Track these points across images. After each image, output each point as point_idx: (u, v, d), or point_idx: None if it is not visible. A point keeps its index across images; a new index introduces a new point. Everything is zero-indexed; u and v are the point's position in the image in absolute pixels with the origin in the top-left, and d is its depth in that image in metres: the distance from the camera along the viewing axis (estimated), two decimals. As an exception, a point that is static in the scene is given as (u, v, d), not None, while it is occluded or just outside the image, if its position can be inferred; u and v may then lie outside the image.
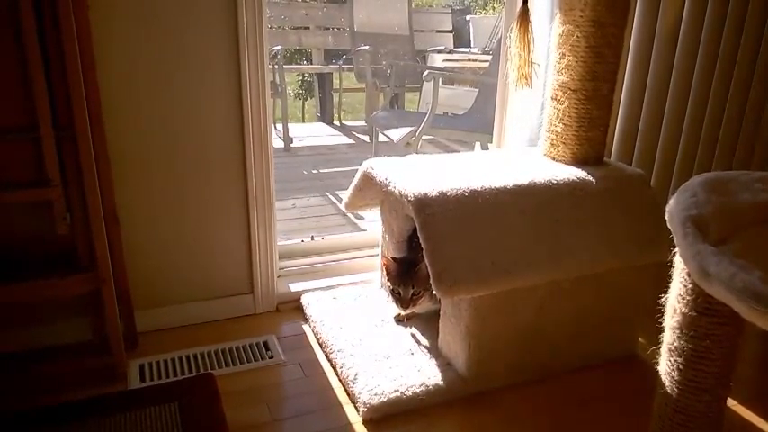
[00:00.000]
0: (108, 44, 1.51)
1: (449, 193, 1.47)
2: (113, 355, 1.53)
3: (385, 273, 1.76)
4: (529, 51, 1.73)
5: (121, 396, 1.48)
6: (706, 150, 2.00)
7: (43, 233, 1.43)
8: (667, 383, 1.16)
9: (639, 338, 1.76)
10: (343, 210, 1.94)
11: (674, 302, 1.11)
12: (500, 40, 3.94)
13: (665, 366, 1.16)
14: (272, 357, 1.69)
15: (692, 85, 1.94)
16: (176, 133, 1.66)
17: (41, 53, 1.27)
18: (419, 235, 1.43)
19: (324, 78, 5.26)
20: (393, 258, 1.75)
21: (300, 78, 5.99)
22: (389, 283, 1.74)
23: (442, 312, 1.63)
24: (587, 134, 1.70)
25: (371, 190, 1.80)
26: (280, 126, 4.34)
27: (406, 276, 1.69)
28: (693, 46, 1.91)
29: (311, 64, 5.49)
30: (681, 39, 1.91)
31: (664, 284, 1.20)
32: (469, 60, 4.62)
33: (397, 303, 1.73)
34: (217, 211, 1.77)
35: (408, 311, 1.73)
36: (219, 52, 1.64)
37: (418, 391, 1.50)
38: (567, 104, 1.69)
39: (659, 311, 1.19)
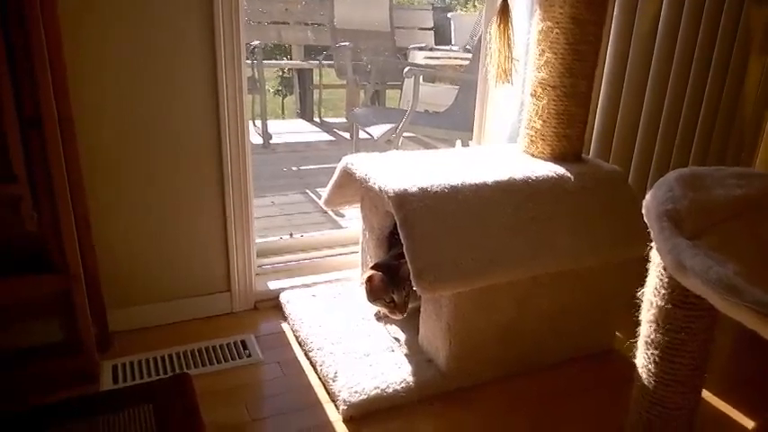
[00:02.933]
0: (78, 36, 1.47)
1: (429, 189, 1.46)
2: (85, 357, 1.49)
3: (369, 289, 1.67)
4: (509, 47, 1.72)
5: (94, 398, 1.45)
6: (682, 147, 2.02)
7: (11, 232, 1.39)
8: (644, 376, 1.17)
9: (617, 333, 1.77)
10: (323, 207, 1.92)
11: (651, 296, 1.12)
12: (481, 37, 3.95)
13: (642, 359, 1.17)
14: (250, 356, 1.67)
15: (668, 83, 1.96)
16: (150, 129, 1.63)
17: (5, 44, 1.22)
18: (399, 231, 1.42)
19: (304, 74, 5.22)
20: (375, 273, 1.68)
21: (280, 74, 5.95)
22: (379, 296, 1.66)
23: (422, 309, 1.62)
24: (566, 131, 1.70)
25: (351, 186, 1.78)
26: (259, 122, 4.30)
27: (394, 282, 1.65)
28: (670, 44, 1.93)
29: (290, 60, 5.45)
30: (658, 36, 1.93)
31: (640, 279, 1.21)
32: (450, 58, 4.62)
33: (392, 312, 1.67)
34: (193, 208, 1.74)
35: (405, 315, 1.68)
36: (194, 46, 1.61)
37: (399, 388, 1.49)
38: (546, 101, 1.69)
39: (636, 306, 1.20)
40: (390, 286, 1.65)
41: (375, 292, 1.67)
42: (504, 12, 1.71)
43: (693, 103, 1.97)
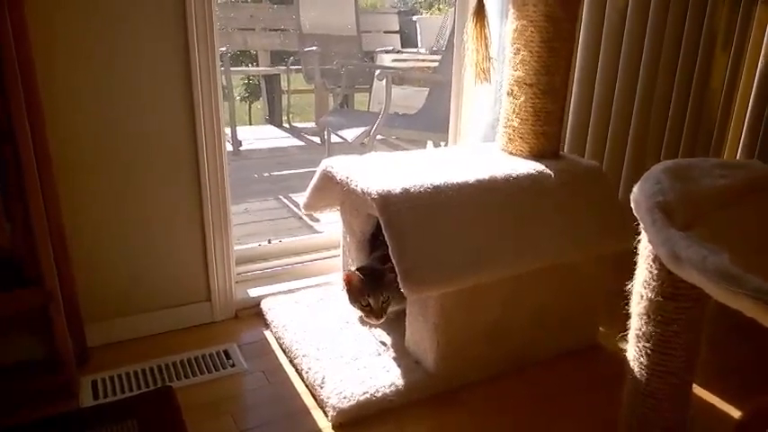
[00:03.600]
0: (49, 46, 1.43)
1: (412, 190, 1.45)
2: (63, 373, 1.44)
3: (348, 289, 1.68)
4: (486, 47, 1.73)
5: (74, 416, 1.40)
6: (653, 141, 2.06)
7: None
8: (636, 369, 1.17)
9: (600, 328, 1.79)
10: (303, 211, 1.90)
11: (641, 289, 1.13)
12: (448, 39, 3.97)
13: (633, 352, 1.18)
14: (233, 366, 1.63)
15: (638, 79, 1.99)
16: (126, 138, 1.59)
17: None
18: (384, 233, 1.40)
19: (272, 80, 5.18)
20: (354, 272, 1.68)
21: (246, 81, 5.89)
22: (356, 298, 1.66)
23: (408, 311, 1.61)
24: (543, 128, 1.71)
25: (331, 190, 1.77)
26: (228, 129, 4.24)
27: (373, 285, 1.64)
28: (639, 40, 1.96)
29: (257, 66, 5.41)
30: (626, 33, 1.96)
31: (625, 273, 1.22)
32: (418, 60, 4.64)
33: (368, 316, 1.67)
34: (170, 217, 1.70)
35: (382, 321, 1.68)
36: (169, 53, 1.58)
37: (388, 391, 1.48)
38: (523, 99, 1.69)
39: (619, 300, 1.21)
40: (368, 289, 1.64)
41: (352, 292, 1.66)
42: (480, 12, 1.72)
43: (663, 97, 2.01)
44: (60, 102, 1.48)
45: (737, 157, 1.86)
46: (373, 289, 1.64)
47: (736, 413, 1.47)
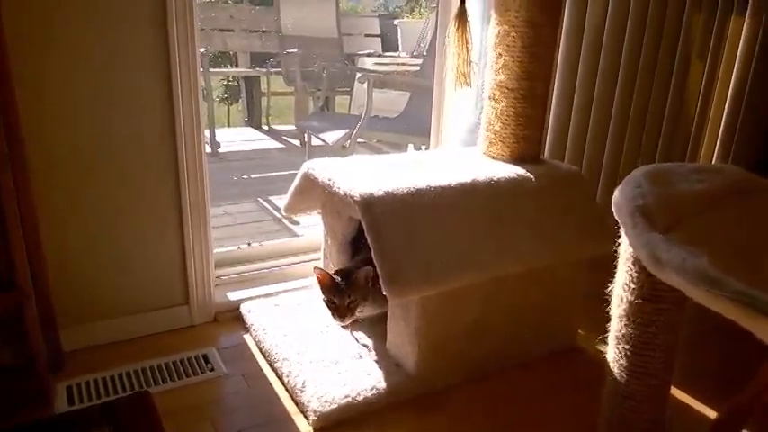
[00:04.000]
0: (25, 46, 1.40)
1: (395, 193, 1.45)
2: (37, 378, 1.41)
3: (319, 284, 1.68)
4: (467, 51, 1.74)
5: (49, 422, 1.36)
6: (631, 146, 2.09)
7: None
8: (616, 371, 1.19)
9: (580, 331, 1.81)
10: (283, 213, 1.88)
11: (620, 291, 1.14)
12: (430, 43, 3.99)
13: (613, 354, 1.19)
14: (212, 370, 1.61)
15: (616, 86, 2.02)
16: (104, 139, 1.56)
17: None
18: (367, 235, 1.40)
19: (251, 82, 5.15)
20: (325, 270, 1.68)
21: (224, 82, 5.85)
22: (324, 295, 1.66)
23: (389, 314, 1.60)
24: (524, 132, 1.72)
25: (313, 192, 1.76)
26: (206, 131, 4.20)
27: (342, 285, 1.63)
28: (617, 47, 1.99)
29: (236, 67, 5.37)
30: (605, 39, 1.99)
31: (602, 276, 1.23)
32: (399, 64, 4.65)
33: (333, 314, 1.65)
34: (148, 219, 1.68)
35: (347, 322, 1.67)
36: (149, 54, 1.56)
37: (369, 395, 1.47)
38: (504, 104, 1.71)
39: (599, 303, 1.22)
40: (335, 288, 1.63)
41: (322, 288, 1.66)
42: (462, 16, 1.73)
43: (641, 104, 2.04)
44: (37, 103, 1.46)
45: (713, 162, 1.89)
46: (341, 289, 1.63)
47: (712, 414, 1.50)
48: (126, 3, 1.50)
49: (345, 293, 1.62)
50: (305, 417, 1.44)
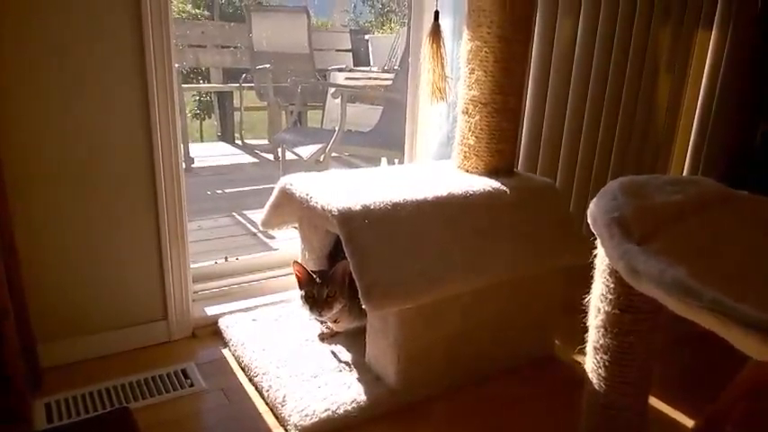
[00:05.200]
0: (2, 59, 1.40)
1: (372, 207, 1.47)
2: (14, 396, 1.38)
3: (296, 277, 1.69)
4: (442, 66, 1.77)
5: (25, 441, 1.35)
6: (602, 159, 2.15)
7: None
8: (594, 380, 1.21)
9: (556, 341, 1.84)
10: (261, 228, 1.89)
11: (597, 302, 1.17)
12: (401, 58, 4.03)
13: (592, 364, 1.21)
14: (192, 386, 1.60)
15: (587, 99, 2.08)
16: (81, 154, 1.55)
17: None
18: (345, 249, 1.41)
19: (224, 97, 5.14)
20: (303, 266, 1.70)
21: (197, 98, 5.82)
22: (301, 289, 1.67)
23: (368, 327, 1.62)
24: (498, 146, 1.76)
25: (290, 206, 1.77)
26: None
27: (320, 277, 1.65)
28: (587, 61, 2.05)
29: (209, 83, 5.36)
30: (576, 54, 2.05)
31: (577, 287, 1.26)
32: (371, 78, 4.68)
33: (311, 309, 1.65)
34: (126, 235, 1.67)
35: (324, 317, 1.67)
36: (125, 69, 1.56)
37: (350, 408, 1.48)
38: (478, 118, 1.74)
39: (575, 314, 1.25)
40: (313, 281, 1.65)
41: (300, 280, 1.68)
42: (436, 32, 1.77)
43: (610, 117, 2.10)
44: (13, 117, 1.45)
45: (684, 173, 1.95)
46: (319, 282, 1.64)
47: (689, 422, 1.53)
48: (104, 20, 1.50)
49: (323, 285, 1.64)
50: (285, 431, 1.44)
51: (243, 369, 1.69)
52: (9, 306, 1.33)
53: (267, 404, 1.54)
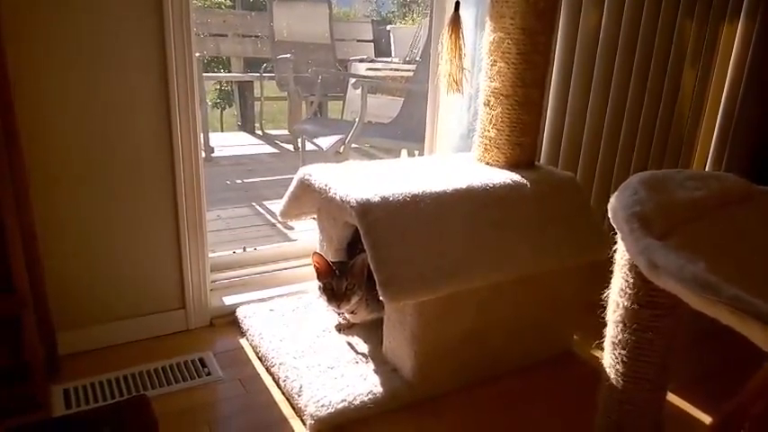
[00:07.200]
0: (24, 53, 1.41)
1: (391, 198, 1.46)
2: (34, 382, 1.40)
3: (316, 268, 1.69)
4: (460, 57, 1.75)
5: (45, 426, 1.36)
6: (624, 152, 2.11)
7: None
8: (612, 376, 1.19)
9: (574, 336, 1.82)
10: (279, 218, 1.89)
11: (617, 297, 1.15)
12: (422, 49, 4.00)
13: (610, 359, 1.20)
14: (209, 375, 1.61)
15: (610, 93, 2.04)
16: (100, 143, 1.56)
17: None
18: (363, 241, 1.41)
19: (244, 87, 5.16)
20: (323, 256, 1.69)
21: (217, 87, 5.85)
22: (320, 281, 1.67)
23: (386, 319, 1.61)
24: (519, 139, 1.73)
25: (308, 197, 1.76)
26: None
27: (339, 269, 1.65)
28: (611, 54, 2.01)
29: (230, 72, 5.38)
30: (600, 47, 2.01)
31: (597, 282, 1.24)
32: (392, 69, 4.66)
33: (330, 301, 1.65)
34: (145, 224, 1.68)
35: (343, 309, 1.68)
36: (145, 59, 1.56)
37: (366, 399, 1.48)
38: (499, 110, 1.72)
39: (594, 309, 1.23)
40: (333, 272, 1.64)
41: (319, 272, 1.68)
42: (456, 23, 1.75)
43: (634, 110, 2.06)
44: (36, 110, 1.46)
45: (706, 168, 1.91)
46: (338, 274, 1.64)
47: (707, 419, 1.51)
48: (125, 10, 1.51)
49: (343, 277, 1.63)
50: (302, 421, 1.45)
51: (260, 359, 1.69)
52: (29, 295, 1.35)
53: (284, 394, 1.55)
